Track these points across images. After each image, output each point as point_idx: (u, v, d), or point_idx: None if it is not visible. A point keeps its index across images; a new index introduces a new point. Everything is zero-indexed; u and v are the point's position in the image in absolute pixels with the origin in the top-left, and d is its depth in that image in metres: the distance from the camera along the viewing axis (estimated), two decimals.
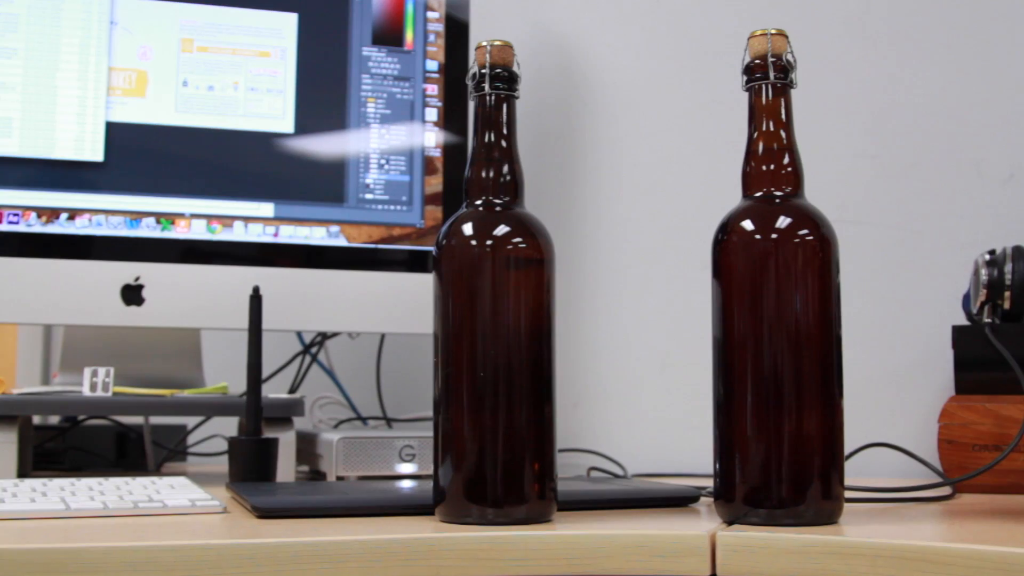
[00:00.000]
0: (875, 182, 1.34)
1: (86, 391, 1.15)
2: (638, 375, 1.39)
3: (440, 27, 1.33)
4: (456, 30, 1.34)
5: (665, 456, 1.32)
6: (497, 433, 0.80)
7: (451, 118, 1.31)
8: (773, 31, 0.84)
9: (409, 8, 1.32)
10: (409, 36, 1.32)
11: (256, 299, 1.07)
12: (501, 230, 0.82)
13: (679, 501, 0.95)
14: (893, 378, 1.29)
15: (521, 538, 0.77)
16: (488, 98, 0.86)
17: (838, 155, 1.35)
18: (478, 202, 0.84)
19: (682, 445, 1.32)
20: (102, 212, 1.20)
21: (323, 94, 1.28)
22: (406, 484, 1.03)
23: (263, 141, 1.25)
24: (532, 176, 1.43)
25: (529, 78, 1.45)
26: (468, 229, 0.83)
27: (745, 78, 0.85)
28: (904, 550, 0.71)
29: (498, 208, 0.84)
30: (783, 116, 0.84)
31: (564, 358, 1.40)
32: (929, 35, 1.34)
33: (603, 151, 1.44)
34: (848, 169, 1.34)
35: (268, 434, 1.08)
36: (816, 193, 0.91)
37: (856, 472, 1.14)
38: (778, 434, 0.79)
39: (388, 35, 1.31)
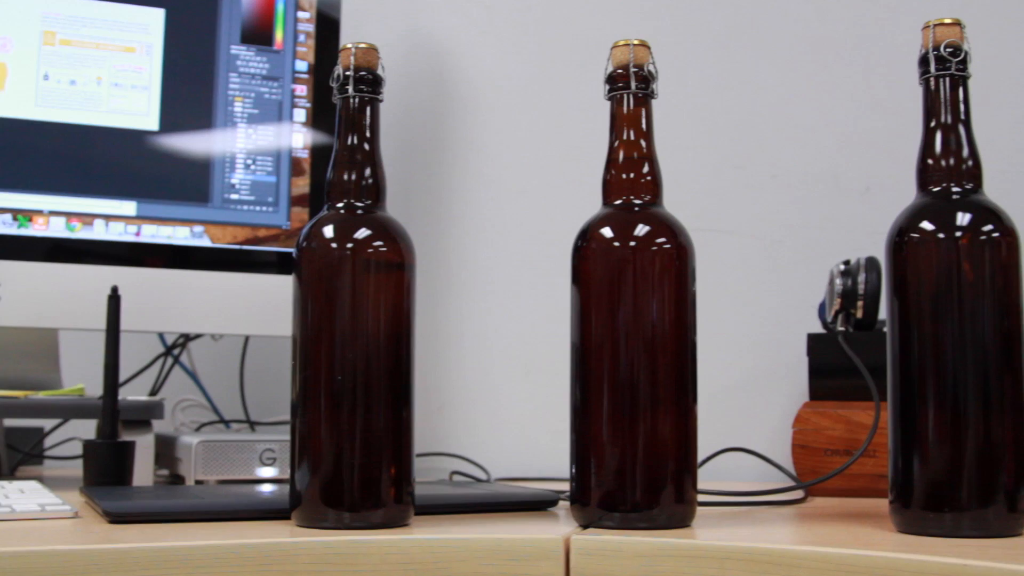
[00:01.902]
0: (738, 192, 1.36)
1: None
2: (503, 379, 1.40)
3: (311, 27, 1.32)
4: (327, 31, 1.33)
5: (529, 460, 1.33)
6: (354, 437, 0.80)
7: (320, 119, 1.31)
8: (636, 41, 0.85)
9: (279, 7, 1.31)
10: (279, 36, 1.31)
11: (114, 299, 1.05)
12: (362, 233, 0.82)
13: (538, 505, 0.95)
14: (750, 384, 1.32)
15: (376, 542, 0.77)
16: (352, 100, 0.85)
17: (703, 165, 1.37)
18: (340, 205, 0.84)
19: (545, 449, 1.33)
20: None
21: (189, 92, 1.26)
22: (265, 488, 1.02)
23: (126, 138, 1.23)
24: (401, 180, 1.44)
25: (400, 82, 1.45)
26: (328, 232, 0.82)
27: (607, 87, 0.86)
28: (752, 552, 0.73)
29: (360, 211, 0.84)
30: (643, 126, 0.85)
31: (429, 362, 1.41)
32: (792, 50, 1.38)
33: (472, 156, 1.44)
34: (712, 179, 1.37)
35: (126, 437, 1.06)
36: (680, 202, 0.92)
37: (713, 476, 1.16)
38: (632, 438, 0.80)
39: (257, 34, 1.30)
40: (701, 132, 1.38)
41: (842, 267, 1.16)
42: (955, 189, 0.80)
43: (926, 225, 0.78)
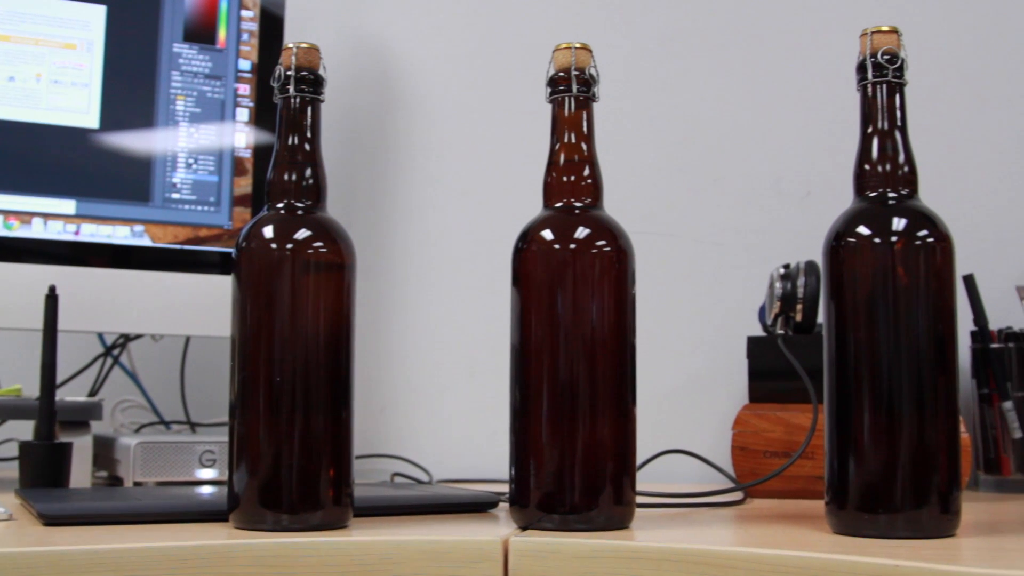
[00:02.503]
0: (681, 196, 1.37)
1: None
2: (446, 381, 1.40)
3: (254, 26, 1.31)
4: (271, 30, 1.32)
5: (472, 462, 1.33)
6: (293, 438, 0.79)
7: (263, 119, 1.30)
8: (577, 45, 0.86)
9: (223, 6, 1.30)
10: (222, 34, 1.30)
11: (52, 299, 1.03)
12: (302, 234, 0.82)
13: (478, 507, 0.95)
14: (692, 387, 1.33)
15: (314, 544, 0.76)
16: (293, 100, 0.85)
17: (647, 168, 1.38)
18: (280, 205, 0.83)
19: (488, 451, 1.32)
20: None
21: (131, 90, 1.25)
22: (204, 490, 1.01)
23: (66, 136, 1.22)
24: (345, 181, 1.43)
25: (344, 82, 1.44)
26: (268, 232, 0.82)
27: (549, 90, 0.86)
28: (688, 554, 0.73)
29: (300, 212, 0.83)
30: (584, 129, 0.85)
31: (372, 363, 1.41)
32: (735, 55, 1.39)
33: (416, 157, 1.44)
34: (656, 182, 1.38)
35: (63, 438, 1.05)
36: (624, 205, 0.93)
37: (655, 478, 1.17)
38: (571, 440, 0.80)
39: (200, 32, 1.29)
40: (645, 135, 1.39)
41: (782, 271, 1.17)
42: (891, 194, 0.81)
43: (862, 230, 0.79)
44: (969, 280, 1.23)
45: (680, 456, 1.19)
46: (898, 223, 0.79)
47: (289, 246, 0.81)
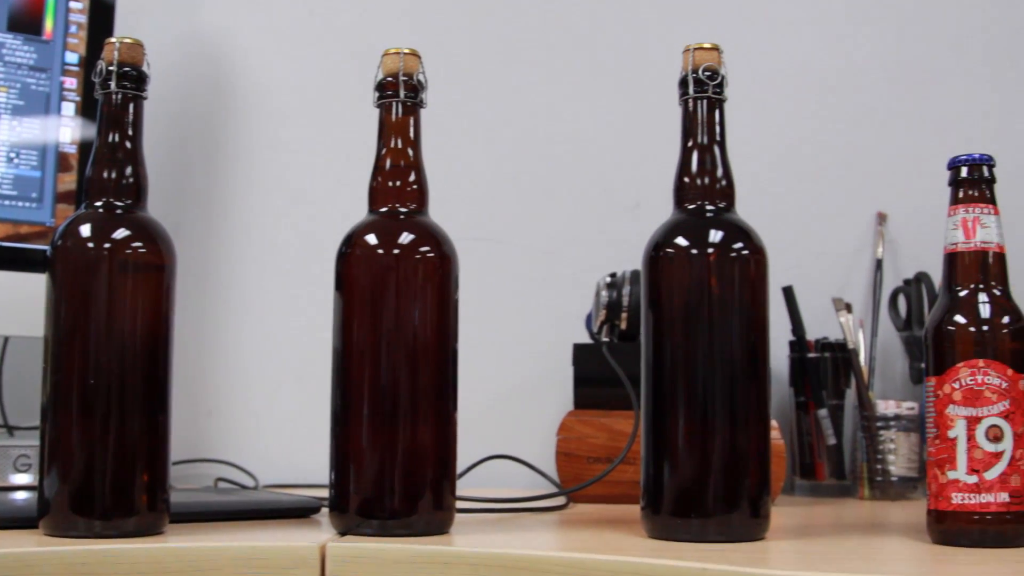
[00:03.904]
0: (513, 203, 1.39)
1: None
2: (275, 385, 1.38)
3: (83, 19, 1.28)
4: (100, 23, 1.29)
5: (300, 466, 1.31)
6: (107, 443, 0.78)
7: (90, 114, 1.26)
8: (406, 50, 0.86)
9: None
10: (48, 25, 1.26)
11: None
12: (120, 233, 0.80)
13: (300, 512, 0.95)
14: (520, 393, 1.34)
15: (127, 551, 0.75)
16: (114, 97, 0.83)
17: (481, 175, 1.39)
18: (98, 203, 0.82)
19: (316, 456, 1.31)
20: None
21: None
22: (17, 496, 0.98)
23: None
24: (173, 181, 1.41)
25: (177, 80, 1.42)
26: (85, 231, 0.80)
27: (376, 95, 0.86)
28: (504, 558, 0.74)
29: (119, 211, 0.82)
30: (411, 134, 0.86)
31: (199, 366, 1.38)
32: (569, 66, 1.41)
33: (246, 159, 1.42)
34: (488, 190, 1.39)
35: None
36: (455, 212, 0.93)
37: (482, 484, 1.18)
38: (391, 445, 0.80)
39: (25, 22, 1.25)
40: (478, 143, 1.40)
41: (608, 279, 1.19)
42: (709, 207, 0.83)
43: (680, 241, 0.81)
44: (788, 292, 1.27)
45: (507, 462, 1.20)
46: (714, 235, 0.81)
47: (107, 245, 0.80)
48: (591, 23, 1.42)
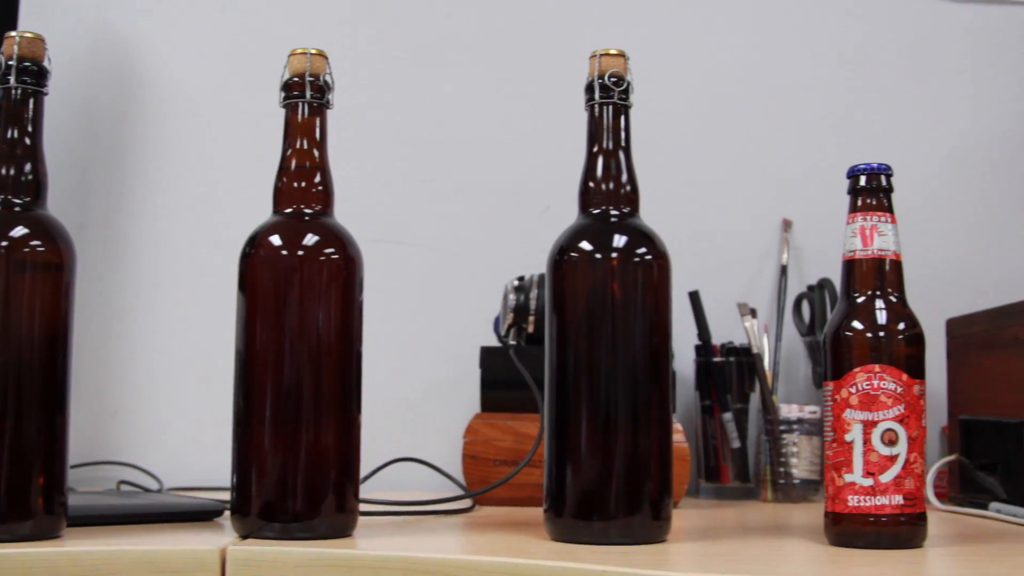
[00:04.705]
0: (423, 206, 1.39)
1: None
2: (180, 386, 1.36)
3: None
4: (3, 16, 1.26)
5: (205, 469, 1.30)
6: (1, 444, 0.76)
7: None
8: (313, 51, 0.85)
9: None
10: None
11: None
12: (18, 231, 0.79)
13: (202, 515, 0.94)
14: (428, 395, 1.35)
15: (21, 556, 0.73)
16: (13, 92, 0.82)
17: (392, 178, 1.39)
18: None
19: (222, 458, 1.30)
20: None
21: None
22: None
23: None
24: (80, 179, 1.38)
25: (82, 75, 1.40)
26: None
27: (282, 95, 0.86)
28: (407, 561, 0.74)
29: (17, 209, 0.80)
30: (317, 135, 0.85)
31: (104, 367, 1.36)
32: (482, 70, 1.42)
33: (154, 157, 1.40)
34: (398, 192, 1.39)
35: None
36: (364, 213, 0.93)
37: (389, 486, 1.17)
38: (294, 448, 0.80)
39: None
40: (389, 145, 1.40)
41: (516, 283, 1.19)
42: (613, 212, 0.83)
43: (584, 245, 0.82)
44: (694, 296, 1.28)
45: (414, 464, 1.20)
46: (618, 240, 0.82)
47: (4, 243, 0.78)
48: (503, 26, 1.42)
